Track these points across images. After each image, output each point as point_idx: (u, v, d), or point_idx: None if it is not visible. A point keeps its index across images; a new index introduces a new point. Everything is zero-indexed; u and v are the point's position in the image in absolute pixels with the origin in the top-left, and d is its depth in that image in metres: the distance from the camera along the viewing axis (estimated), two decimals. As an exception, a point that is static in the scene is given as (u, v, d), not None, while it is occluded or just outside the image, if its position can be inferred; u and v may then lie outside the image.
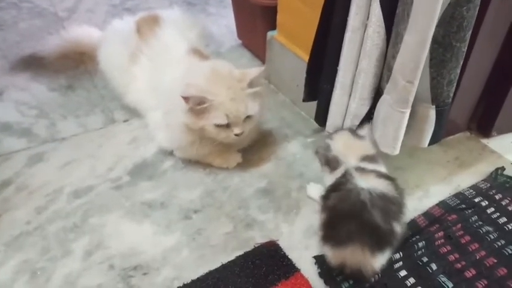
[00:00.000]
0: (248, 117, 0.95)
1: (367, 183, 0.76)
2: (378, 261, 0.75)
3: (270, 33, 1.28)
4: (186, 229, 0.89)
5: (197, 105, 0.91)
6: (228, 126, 0.93)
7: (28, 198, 0.95)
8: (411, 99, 0.80)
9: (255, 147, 1.09)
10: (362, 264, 0.74)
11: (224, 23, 1.63)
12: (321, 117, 0.98)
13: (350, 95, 0.91)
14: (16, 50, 1.44)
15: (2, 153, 1.06)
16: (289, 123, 1.18)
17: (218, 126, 0.93)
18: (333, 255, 0.77)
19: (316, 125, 1.12)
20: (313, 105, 1.05)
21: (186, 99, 0.91)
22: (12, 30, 1.57)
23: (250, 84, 0.95)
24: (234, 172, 1.03)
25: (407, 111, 0.81)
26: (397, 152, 0.86)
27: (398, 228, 0.76)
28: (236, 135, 0.94)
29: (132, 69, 1.13)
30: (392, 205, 0.76)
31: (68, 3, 1.76)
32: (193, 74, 0.96)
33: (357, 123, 0.92)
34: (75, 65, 1.36)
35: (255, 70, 0.96)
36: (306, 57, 1.12)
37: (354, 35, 0.84)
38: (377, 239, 0.74)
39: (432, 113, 0.85)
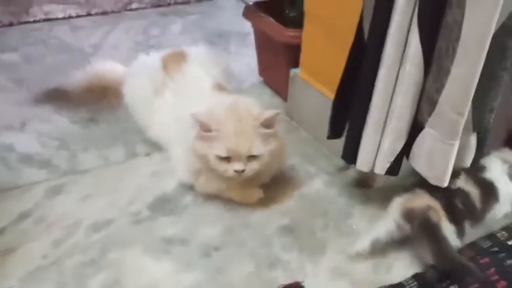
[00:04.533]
0: (253, 157, 0.93)
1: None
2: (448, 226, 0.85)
3: (293, 71, 1.29)
4: (207, 267, 0.86)
5: (204, 131, 0.92)
6: (229, 160, 0.92)
7: (46, 231, 0.93)
8: (461, 130, 0.80)
9: (277, 183, 1.06)
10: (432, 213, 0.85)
11: (245, 61, 1.65)
12: (350, 154, 0.95)
13: (383, 131, 0.89)
14: (41, 83, 1.46)
15: (21, 184, 1.05)
16: (312, 159, 1.16)
17: (219, 158, 0.92)
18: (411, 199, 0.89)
19: (339, 162, 1.10)
20: (335, 142, 1.03)
21: (195, 121, 0.92)
22: (38, 64, 1.60)
23: (264, 124, 0.93)
24: (256, 208, 1.00)
25: (457, 143, 0.82)
26: (446, 183, 0.86)
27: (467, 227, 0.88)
28: (236, 171, 0.92)
29: (156, 103, 1.14)
30: (467, 206, 0.89)
31: (93, 39, 1.81)
32: (216, 106, 0.97)
33: (392, 159, 0.90)
34: (99, 99, 1.37)
35: (270, 112, 0.95)
36: (330, 94, 1.12)
37: (389, 71, 0.83)
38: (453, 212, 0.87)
39: (473, 140, 0.87)
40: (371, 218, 0.98)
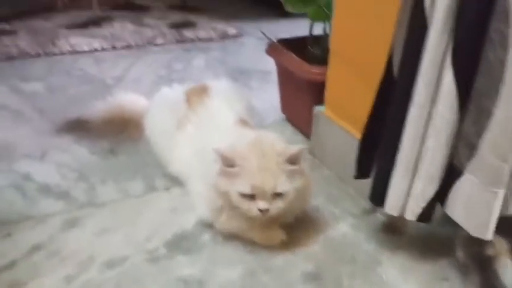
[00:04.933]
0: (278, 195, 0.88)
1: None
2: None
3: (317, 108, 1.26)
4: (225, 314, 0.81)
5: (227, 166, 0.88)
6: (253, 198, 0.88)
7: (58, 265, 0.89)
8: (506, 178, 0.74)
9: (300, 224, 1.01)
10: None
11: (267, 98, 1.63)
12: (378, 196, 0.90)
13: (414, 173, 0.84)
14: (63, 113, 1.46)
15: (37, 215, 1.02)
16: (337, 200, 1.11)
17: (243, 195, 0.88)
18: None
19: (366, 204, 1.05)
20: (361, 182, 0.98)
21: (218, 156, 0.89)
22: (61, 94, 1.61)
23: (289, 161, 0.90)
24: (278, 251, 0.95)
25: (501, 191, 0.75)
26: (490, 236, 0.78)
27: None
28: (260, 210, 0.88)
29: (178, 136, 1.12)
30: None
31: (116, 72, 1.83)
32: (240, 141, 0.94)
33: (423, 205, 0.85)
34: (119, 131, 1.36)
35: (296, 147, 0.92)
36: (356, 133, 1.09)
37: (419, 111, 0.80)
38: None
39: None
40: (401, 267, 0.91)
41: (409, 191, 0.86)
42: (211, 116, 1.11)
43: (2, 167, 1.19)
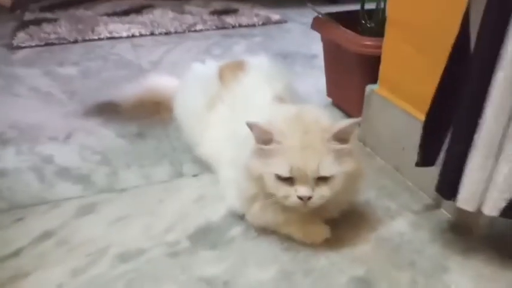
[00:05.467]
0: (323, 179, 0.73)
1: None
2: None
3: (369, 87, 1.09)
4: (254, 323, 0.66)
5: (262, 143, 0.74)
6: (292, 183, 0.73)
7: (67, 256, 0.78)
8: None
9: (348, 220, 0.85)
10: None
11: (311, 82, 1.48)
12: (448, 187, 0.72)
13: (498, 157, 0.66)
14: (94, 97, 1.39)
15: (51, 199, 0.93)
16: (392, 194, 0.94)
17: (280, 178, 0.73)
18: None
19: (427, 199, 0.88)
20: (424, 173, 0.81)
21: (252, 130, 0.75)
22: (95, 78, 1.55)
23: (337, 138, 0.74)
24: (320, 251, 0.79)
25: None
26: None
27: None
28: (300, 198, 0.72)
29: (209, 116, 1.00)
30: None
31: (153, 57, 1.75)
32: (278, 115, 0.80)
33: (509, 196, 0.66)
34: (150, 114, 1.26)
35: (345, 121, 0.75)
36: (417, 113, 0.93)
37: (510, 75, 0.62)
38: None
39: None
40: (475, 275, 0.73)
41: (490, 179, 0.67)
42: (247, 94, 0.98)
43: (25, 148, 1.11)
